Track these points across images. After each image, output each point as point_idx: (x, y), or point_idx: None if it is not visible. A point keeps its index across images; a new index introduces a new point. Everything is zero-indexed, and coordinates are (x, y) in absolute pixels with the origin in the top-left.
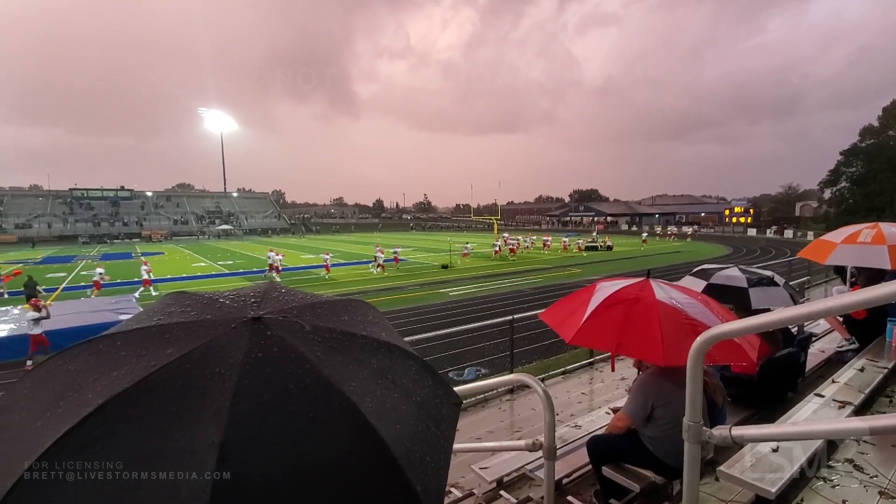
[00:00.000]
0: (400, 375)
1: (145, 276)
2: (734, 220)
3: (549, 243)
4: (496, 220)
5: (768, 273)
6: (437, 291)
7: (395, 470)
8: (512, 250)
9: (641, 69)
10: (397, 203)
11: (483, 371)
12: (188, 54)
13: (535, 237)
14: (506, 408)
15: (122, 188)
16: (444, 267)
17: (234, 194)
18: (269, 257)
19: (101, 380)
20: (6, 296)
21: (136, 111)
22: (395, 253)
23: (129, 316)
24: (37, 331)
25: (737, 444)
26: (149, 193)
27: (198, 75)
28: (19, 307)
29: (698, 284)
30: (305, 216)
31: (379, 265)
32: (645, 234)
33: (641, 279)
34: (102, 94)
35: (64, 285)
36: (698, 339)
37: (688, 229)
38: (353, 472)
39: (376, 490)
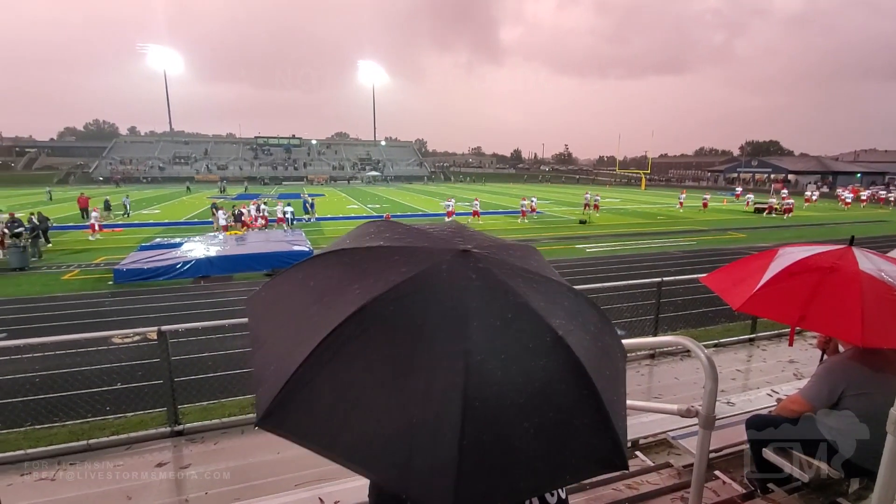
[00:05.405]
0: (587, 320)
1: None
2: None
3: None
4: (644, 174)
5: None
6: (574, 247)
7: (598, 400)
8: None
9: None
10: (535, 154)
11: (618, 333)
12: (344, 7)
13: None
14: (644, 372)
15: (294, 136)
16: (583, 222)
17: (382, 143)
18: (243, 213)
19: (354, 284)
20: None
21: (301, 66)
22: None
23: (301, 247)
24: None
25: None
26: (313, 141)
27: (353, 29)
28: (222, 233)
29: None
30: (445, 165)
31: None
32: (785, 193)
33: (842, 246)
34: (277, 51)
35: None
36: None
37: (864, 193)
38: (565, 396)
39: (583, 414)
